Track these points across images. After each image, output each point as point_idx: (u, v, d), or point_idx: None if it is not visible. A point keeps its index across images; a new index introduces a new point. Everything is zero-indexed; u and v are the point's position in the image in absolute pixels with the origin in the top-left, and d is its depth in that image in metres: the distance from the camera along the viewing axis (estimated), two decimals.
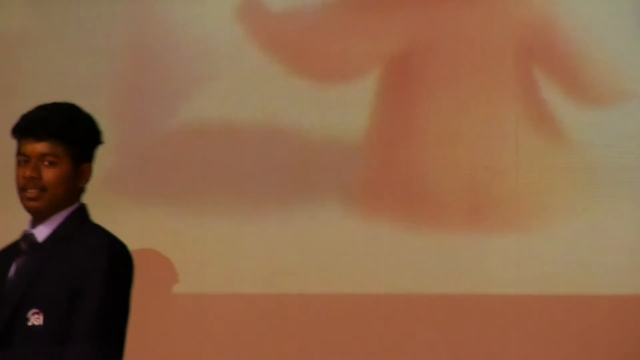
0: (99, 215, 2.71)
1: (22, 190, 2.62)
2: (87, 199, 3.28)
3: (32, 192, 2.62)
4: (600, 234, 3.18)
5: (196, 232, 3.24)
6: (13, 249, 2.72)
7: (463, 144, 3.27)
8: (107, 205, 3.15)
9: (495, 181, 3.26)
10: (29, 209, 2.63)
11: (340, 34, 3.33)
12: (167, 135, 3.35)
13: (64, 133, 2.63)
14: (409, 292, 3.24)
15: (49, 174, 2.63)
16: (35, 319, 2.65)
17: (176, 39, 3.41)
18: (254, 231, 3.26)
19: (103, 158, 3.21)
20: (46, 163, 2.61)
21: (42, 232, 2.62)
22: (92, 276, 2.59)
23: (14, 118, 2.49)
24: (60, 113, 2.68)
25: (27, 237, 2.62)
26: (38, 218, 2.63)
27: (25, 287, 2.65)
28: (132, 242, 2.76)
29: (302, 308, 3.22)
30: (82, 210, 2.69)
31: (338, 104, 3.32)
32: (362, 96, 3.30)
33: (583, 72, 3.22)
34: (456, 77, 3.25)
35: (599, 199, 3.17)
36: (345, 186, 3.29)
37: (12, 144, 2.61)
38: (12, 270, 2.69)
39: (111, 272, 2.57)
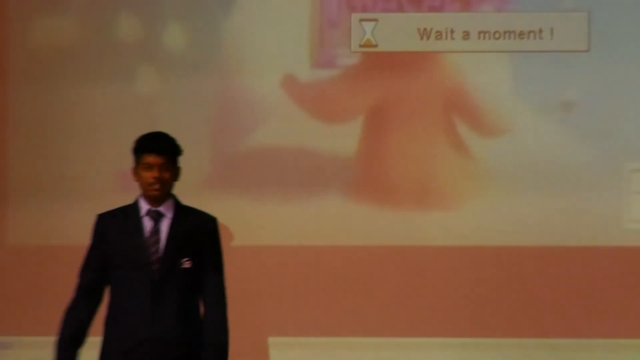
0: (199, 202, 4.45)
1: (150, 184, 3.74)
2: (191, 193, 5.08)
3: (157, 186, 3.74)
4: (492, 210, 5.13)
5: (257, 209, 5.09)
6: (125, 214, 3.84)
7: (414, 158, 5.18)
8: (204, 196, 4.85)
9: (433, 181, 5.19)
10: (152, 197, 3.76)
11: (340, 94, 5.20)
12: (240, 154, 5.16)
13: (172, 151, 3.77)
14: (382, 245, 5.14)
15: (166, 175, 3.73)
16: (187, 263, 3.78)
17: (246, 96, 5.19)
18: (290, 209, 5.13)
19: (202, 168, 5.16)
20: (163, 169, 3.73)
21: (167, 210, 3.78)
22: (211, 236, 3.82)
23: None
24: (167, 138, 3.82)
25: (156, 212, 3.77)
26: (155, 202, 3.77)
27: (178, 244, 3.78)
28: (220, 217, 4.48)
29: (317, 253, 5.14)
30: (176, 197, 3.78)
31: (339, 135, 5.17)
32: (353, 131, 5.17)
33: (480, 117, 5.17)
34: (409, 119, 5.18)
35: (492, 190, 5.14)
36: (343, 184, 5.17)
37: None
38: (146, 227, 3.78)
39: (219, 233, 3.84)
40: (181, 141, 3.85)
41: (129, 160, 3.77)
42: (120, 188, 5.03)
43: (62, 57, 5.32)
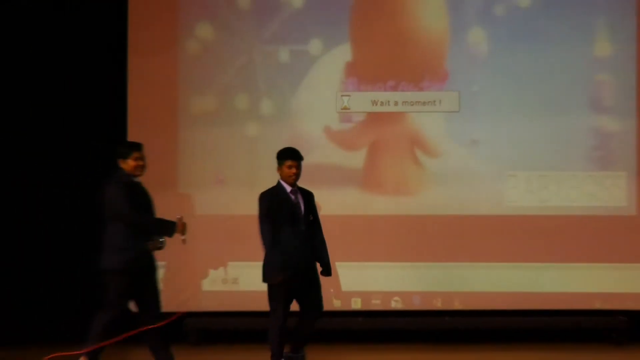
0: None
1: (289, 177, 6.39)
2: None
3: (294, 177, 6.41)
4: (432, 196, 9.09)
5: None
6: (278, 191, 6.38)
7: (393, 168, 9.14)
8: None
9: (402, 181, 9.15)
10: (291, 183, 6.41)
11: (354, 136, 9.11)
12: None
13: (300, 158, 6.46)
14: (377, 214, 9.07)
15: (298, 171, 6.44)
16: (310, 218, 6.50)
17: (303, 137, 8.93)
18: (329, 197, 8.80)
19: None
20: (296, 167, 6.39)
21: (298, 190, 6.45)
22: (314, 202, 6.56)
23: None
24: (297, 151, 6.44)
25: (295, 191, 6.41)
26: (292, 186, 6.39)
27: (308, 207, 6.43)
28: None
29: (346, 219, 8.90)
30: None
31: (354, 157, 9.06)
32: (362, 155, 9.07)
33: (428, 147, 9.15)
34: (391, 148, 9.11)
35: (433, 185, 9.13)
36: (356, 182, 9.07)
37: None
38: (292, 199, 6.38)
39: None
40: (267, 161, 7.61)
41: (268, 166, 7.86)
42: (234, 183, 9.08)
43: (208, 116, 9.21)
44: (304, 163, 7.07)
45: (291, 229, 6.46)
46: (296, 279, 6.48)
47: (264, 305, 6.98)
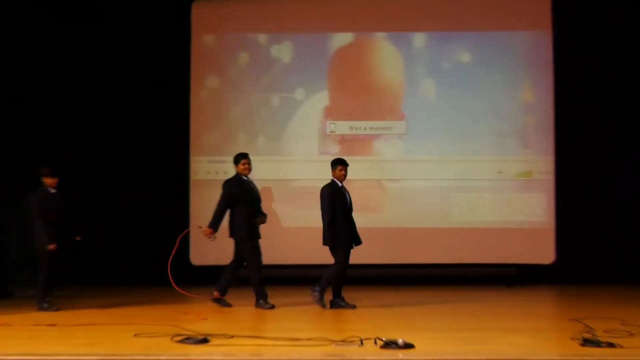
0: (295, 185, 11.13)
1: (341, 177, 9.00)
2: (290, 182, 11.73)
3: (344, 177, 9.02)
4: (400, 206, 11.51)
5: None
6: (335, 187, 8.95)
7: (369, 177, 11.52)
8: (293, 185, 11.82)
9: (370, 197, 11.55)
10: (341, 180, 9.00)
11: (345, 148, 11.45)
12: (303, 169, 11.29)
13: (347, 164, 9.12)
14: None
15: (346, 172, 9.02)
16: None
17: (285, 163, 11.35)
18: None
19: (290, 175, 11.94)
20: (346, 170, 9.00)
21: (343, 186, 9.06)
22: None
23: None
24: (345, 159, 9.06)
25: (343, 187, 8.99)
26: (341, 182, 8.99)
27: (350, 197, 9.09)
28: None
29: None
30: None
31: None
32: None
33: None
34: (369, 154, 11.54)
35: (392, 206, 11.60)
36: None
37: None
38: (343, 192, 9.01)
39: None
40: (259, 178, 10.29)
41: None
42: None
43: (215, 149, 11.66)
44: (294, 181, 9.96)
45: (343, 213, 8.98)
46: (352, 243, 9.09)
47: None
